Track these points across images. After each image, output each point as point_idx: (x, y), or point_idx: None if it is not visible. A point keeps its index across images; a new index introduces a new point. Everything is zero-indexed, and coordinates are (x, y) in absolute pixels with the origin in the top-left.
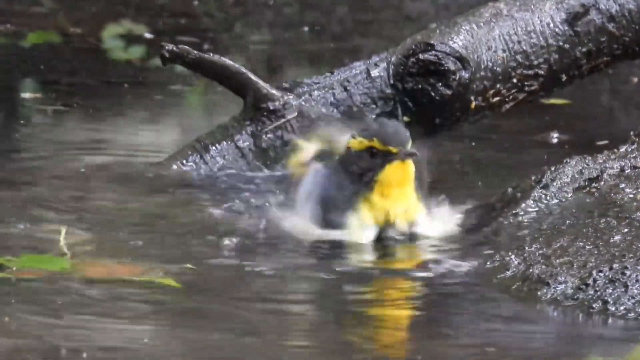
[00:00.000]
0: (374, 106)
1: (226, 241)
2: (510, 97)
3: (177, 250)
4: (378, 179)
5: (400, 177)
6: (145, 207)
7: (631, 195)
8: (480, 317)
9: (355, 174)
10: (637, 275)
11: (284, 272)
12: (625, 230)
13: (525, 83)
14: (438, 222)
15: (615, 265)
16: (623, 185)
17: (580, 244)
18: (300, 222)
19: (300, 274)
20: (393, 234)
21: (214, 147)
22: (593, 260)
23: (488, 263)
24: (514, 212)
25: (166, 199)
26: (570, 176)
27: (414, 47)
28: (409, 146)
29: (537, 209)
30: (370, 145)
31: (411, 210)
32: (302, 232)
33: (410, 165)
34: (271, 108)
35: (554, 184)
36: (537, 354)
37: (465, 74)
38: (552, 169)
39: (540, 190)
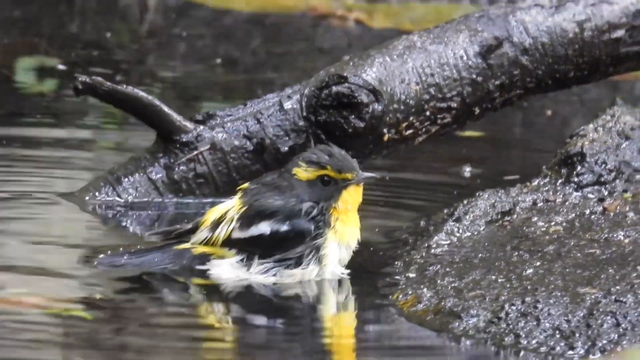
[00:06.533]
0: (286, 138)
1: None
2: (423, 129)
3: (84, 280)
4: (336, 205)
5: (354, 201)
6: (55, 238)
7: (543, 229)
8: (394, 349)
9: (309, 200)
10: (549, 309)
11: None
12: (538, 263)
13: (438, 116)
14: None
15: (527, 299)
16: (535, 218)
17: (493, 277)
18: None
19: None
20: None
21: (126, 179)
22: (505, 293)
23: (401, 296)
24: (426, 244)
25: (76, 230)
26: (482, 209)
27: (327, 79)
28: (359, 170)
29: (449, 242)
30: (325, 174)
31: (357, 235)
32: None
33: (360, 189)
34: (184, 140)
35: (467, 217)
36: None
37: (378, 107)
38: (465, 202)
39: (452, 223)
